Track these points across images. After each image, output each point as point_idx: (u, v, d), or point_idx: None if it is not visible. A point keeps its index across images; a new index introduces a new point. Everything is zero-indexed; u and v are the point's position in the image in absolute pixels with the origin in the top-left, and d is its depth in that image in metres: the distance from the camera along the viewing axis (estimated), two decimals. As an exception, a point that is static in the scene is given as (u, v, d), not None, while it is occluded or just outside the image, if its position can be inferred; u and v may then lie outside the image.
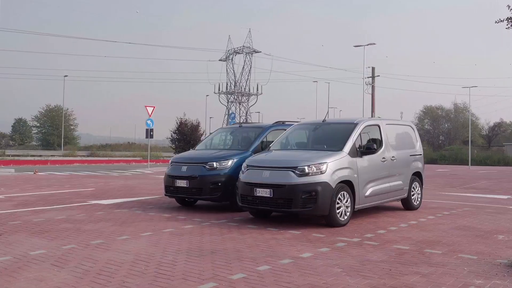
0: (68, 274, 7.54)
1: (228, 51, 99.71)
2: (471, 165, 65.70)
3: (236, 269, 7.86)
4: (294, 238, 10.48)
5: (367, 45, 53.26)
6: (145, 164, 55.75)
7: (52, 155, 74.48)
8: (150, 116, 42.12)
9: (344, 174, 12.07)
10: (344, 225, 11.95)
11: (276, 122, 17.14)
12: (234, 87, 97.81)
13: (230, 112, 64.45)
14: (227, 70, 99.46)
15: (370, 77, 65.52)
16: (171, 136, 51.01)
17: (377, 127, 14.16)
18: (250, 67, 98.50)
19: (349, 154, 12.37)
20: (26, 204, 16.20)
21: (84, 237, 10.52)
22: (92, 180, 28.06)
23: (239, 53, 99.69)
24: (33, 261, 8.38)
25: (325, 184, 11.56)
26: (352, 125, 13.33)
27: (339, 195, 11.88)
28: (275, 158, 12.62)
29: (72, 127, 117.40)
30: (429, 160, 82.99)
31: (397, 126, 15.54)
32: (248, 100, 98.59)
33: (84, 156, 79.46)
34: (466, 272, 7.90)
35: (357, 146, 12.75)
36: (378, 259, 8.66)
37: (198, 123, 51.46)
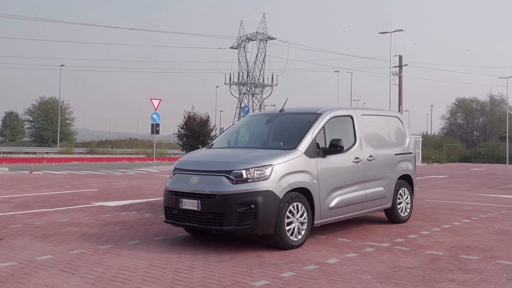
0: (80, 280, 7.83)
1: (240, 37, 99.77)
2: (509, 163, 65.61)
3: (258, 275, 8.12)
4: (318, 243, 10.77)
5: (394, 31, 53.33)
6: (150, 162, 56.14)
7: (47, 152, 74.97)
8: (156, 109, 42.45)
9: (298, 179, 10.38)
10: (297, 246, 10.24)
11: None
12: (247, 78, 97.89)
13: (243, 105, 64.88)
14: (239, 59, 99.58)
15: (397, 66, 65.53)
16: (178, 131, 51.05)
17: (350, 118, 12.44)
18: (264, 56, 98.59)
19: (305, 153, 10.68)
20: (26, 206, 16.52)
21: (92, 241, 10.83)
22: (94, 180, 28.45)
23: (252, 40, 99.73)
24: (41, 266, 8.67)
25: (268, 194, 9.82)
26: (314, 116, 11.61)
27: (291, 208, 10.17)
28: (208, 159, 11.12)
29: (68, 121, 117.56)
30: (462, 158, 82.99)
31: (379, 117, 13.81)
32: (262, 92, 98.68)
33: (82, 153, 79.90)
34: (505, 279, 8.12)
35: (319, 143, 11.11)
36: (410, 265, 8.90)
37: (208, 117, 51.61)
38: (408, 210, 13.98)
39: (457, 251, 10.11)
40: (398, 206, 13.59)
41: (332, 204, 11.19)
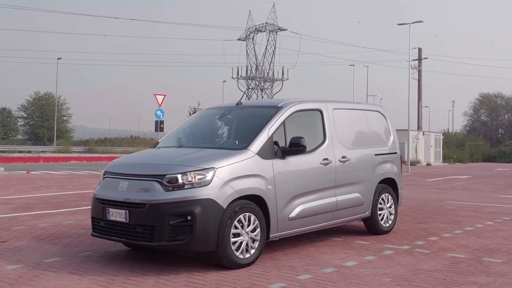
0: (91, 283, 8.17)
1: (248, 29, 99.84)
2: (536, 163, 65.70)
3: (274, 278, 8.46)
4: (336, 245, 11.09)
5: (413, 23, 53.44)
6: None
7: (43, 151, 75.23)
8: (160, 106, 42.71)
9: (248, 185, 9.38)
10: (247, 265, 9.25)
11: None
12: (256, 71, 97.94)
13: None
14: (247, 52, 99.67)
15: (417, 59, 65.88)
16: (183, 129, 51.03)
17: (318, 113, 11.40)
18: (274, 48, 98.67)
19: (259, 154, 9.68)
20: (27, 207, 16.87)
21: (100, 243, 11.14)
22: (95, 181, 28.74)
23: (261, 31, 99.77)
24: (49, 269, 9.01)
25: (208, 203, 8.81)
26: (273, 110, 10.64)
27: (238, 219, 9.17)
28: (142, 160, 10.27)
29: (65, 118, 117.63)
30: (486, 157, 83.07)
31: (356, 112, 12.74)
32: (272, 86, 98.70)
33: (80, 152, 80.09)
34: (530, 282, 8.42)
35: (278, 141, 10.15)
36: (431, 268, 9.21)
37: (215, 113, 51.78)
38: (391, 220, 12.91)
39: (479, 254, 10.40)
40: (379, 215, 12.55)
41: (293, 214, 10.15)
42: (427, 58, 71.75)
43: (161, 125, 43.46)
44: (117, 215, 9.21)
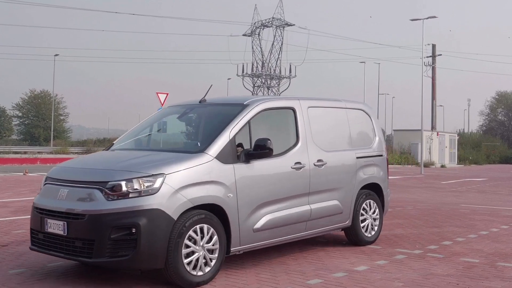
0: (98, 286, 8.44)
1: (254, 24, 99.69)
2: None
3: (283, 282, 8.70)
4: (346, 250, 11.30)
5: (427, 18, 53.56)
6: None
7: (39, 152, 75.25)
8: (162, 105, 42.67)
9: (204, 193, 8.75)
10: (203, 283, 8.61)
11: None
12: (262, 68, 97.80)
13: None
14: (252, 48, 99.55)
15: (430, 56, 66.05)
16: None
17: (291, 111, 10.79)
18: (281, 44, 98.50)
19: (218, 158, 9.06)
20: (26, 210, 16.94)
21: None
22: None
23: (267, 27, 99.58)
24: (53, 273, 9.21)
25: (156, 213, 8.19)
26: (237, 108, 10.01)
27: (192, 232, 8.51)
28: (86, 165, 9.66)
29: (61, 117, 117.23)
30: (503, 159, 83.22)
31: (335, 110, 12.06)
32: (278, 84, 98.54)
33: (78, 153, 80.00)
34: (545, 287, 8.63)
35: (242, 144, 9.55)
36: (444, 272, 9.44)
37: (219, 113, 51.88)
38: (375, 229, 12.30)
39: (494, 259, 10.62)
40: (362, 224, 11.92)
41: (259, 224, 9.53)
42: (441, 54, 71.97)
43: (164, 126, 43.67)
44: (55, 227, 8.55)
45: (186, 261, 8.39)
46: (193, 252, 8.49)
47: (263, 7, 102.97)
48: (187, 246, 8.42)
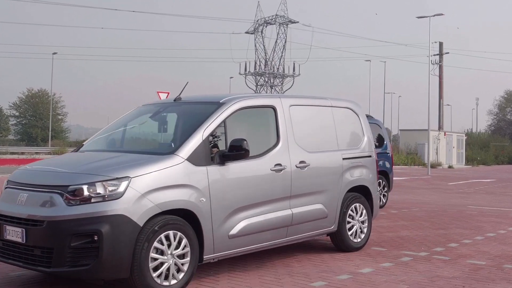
0: (100, 289, 8.53)
1: (257, 21, 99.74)
2: None
3: (287, 285, 8.83)
4: (351, 252, 11.40)
5: (433, 16, 53.66)
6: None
7: (37, 152, 75.37)
8: (162, 104, 43.06)
9: (174, 197, 8.41)
10: None
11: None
12: (265, 67, 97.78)
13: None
14: (255, 46, 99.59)
15: (437, 54, 66.16)
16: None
17: (271, 110, 10.43)
18: (285, 42, 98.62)
19: (190, 160, 8.69)
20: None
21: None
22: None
23: (270, 24, 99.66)
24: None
25: (120, 220, 7.82)
26: (212, 107, 9.64)
27: (160, 239, 8.15)
28: (49, 167, 9.31)
29: (60, 117, 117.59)
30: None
31: (319, 109, 11.68)
32: (282, 83, 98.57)
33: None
34: (552, 289, 8.76)
35: (217, 144, 9.22)
36: (450, 275, 9.56)
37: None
38: (363, 234, 11.95)
39: (501, 261, 10.75)
40: (348, 229, 11.57)
41: (235, 230, 9.18)
42: (448, 53, 72.02)
43: (165, 126, 43.83)
44: (14, 234, 8.17)
45: (153, 270, 8.05)
46: (161, 261, 8.12)
47: (266, 4, 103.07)
48: (155, 255, 8.05)
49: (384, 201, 19.45)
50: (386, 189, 19.67)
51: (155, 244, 8.05)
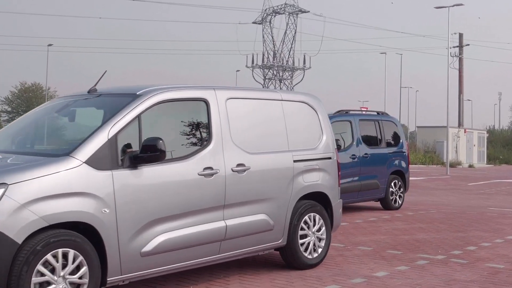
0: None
1: (265, 10, 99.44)
2: None
3: (300, 288, 9.15)
4: (365, 255, 11.71)
5: (453, 6, 53.79)
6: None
7: (31, 150, 75.74)
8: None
9: (66, 208, 7.33)
10: None
11: (338, 112, 18.56)
12: (273, 59, 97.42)
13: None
14: (263, 37, 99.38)
15: (457, 46, 66.32)
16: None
17: (203, 104, 9.40)
18: (295, 33, 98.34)
19: (89, 163, 7.63)
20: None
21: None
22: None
23: (279, 14, 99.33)
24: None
25: None
26: (127, 100, 8.61)
27: (45, 260, 7.09)
28: None
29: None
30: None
31: (266, 103, 10.61)
32: (291, 76, 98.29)
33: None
34: None
35: (130, 144, 8.15)
36: (467, 278, 9.87)
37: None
38: (321, 249, 10.86)
39: (520, 264, 11.05)
40: (301, 243, 10.50)
41: (149, 247, 8.13)
42: (469, 44, 72.12)
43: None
44: None
45: None
46: (48, 285, 7.07)
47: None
48: (39, 279, 7.01)
49: (400, 202, 19.81)
50: (402, 189, 19.98)
51: (39, 267, 6.97)
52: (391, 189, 19.51)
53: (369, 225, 15.75)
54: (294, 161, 10.39)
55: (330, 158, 11.20)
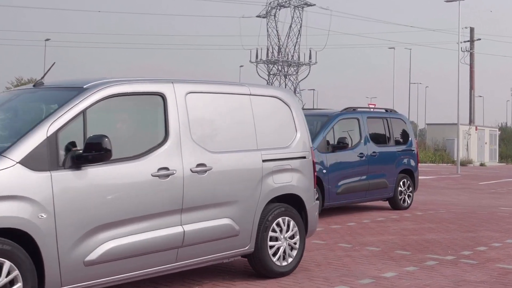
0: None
1: (270, 4, 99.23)
2: None
3: (307, 289, 9.30)
4: (373, 256, 11.84)
5: (463, -1, 53.76)
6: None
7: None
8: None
9: None
10: None
11: (345, 109, 18.74)
12: (278, 54, 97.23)
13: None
14: (268, 31, 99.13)
15: (468, 41, 66.37)
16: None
17: (159, 99, 8.83)
18: (300, 27, 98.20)
19: (24, 163, 7.11)
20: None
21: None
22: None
23: (284, 7, 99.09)
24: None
25: None
26: (71, 94, 8.03)
27: None
28: None
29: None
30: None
31: (231, 97, 10.07)
32: (297, 72, 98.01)
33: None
34: None
35: (75, 142, 7.61)
36: (477, 279, 10.01)
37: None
38: (294, 255, 10.36)
39: (531, 265, 11.18)
40: (271, 250, 10.00)
41: (93, 256, 7.61)
42: (480, 39, 72.15)
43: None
44: None
45: None
46: None
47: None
48: None
49: (409, 202, 19.93)
50: (411, 189, 20.12)
51: None
52: (399, 188, 19.60)
53: (377, 225, 15.88)
54: (263, 160, 9.92)
55: (304, 157, 10.70)
